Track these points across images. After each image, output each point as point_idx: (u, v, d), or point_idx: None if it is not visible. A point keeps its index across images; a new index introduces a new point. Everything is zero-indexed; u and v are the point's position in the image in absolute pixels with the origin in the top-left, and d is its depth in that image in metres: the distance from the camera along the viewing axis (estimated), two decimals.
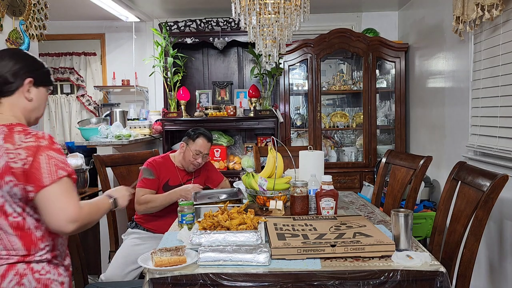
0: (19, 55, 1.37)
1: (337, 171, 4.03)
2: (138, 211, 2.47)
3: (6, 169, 1.21)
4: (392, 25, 4.48)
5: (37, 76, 1.38)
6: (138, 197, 2.42)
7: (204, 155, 2.56)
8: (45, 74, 1.42)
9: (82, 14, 4.31)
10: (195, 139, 2.55)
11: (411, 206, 2.36)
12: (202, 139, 2.55)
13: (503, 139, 2.43)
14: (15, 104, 1.34)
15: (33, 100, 1.37)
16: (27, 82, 1.35)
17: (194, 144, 2.54)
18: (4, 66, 1.31)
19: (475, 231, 1.71)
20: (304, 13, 2.18)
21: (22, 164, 1.21)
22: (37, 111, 1.41)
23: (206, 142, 2.56)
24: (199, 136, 2.56)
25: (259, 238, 1.57)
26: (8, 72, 1.31)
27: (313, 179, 2.10)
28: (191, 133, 2.59)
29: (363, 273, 1.39)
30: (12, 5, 2.44)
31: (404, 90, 4.08)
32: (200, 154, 2.54)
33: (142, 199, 2.41)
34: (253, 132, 4.44)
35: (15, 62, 1.33)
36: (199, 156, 2.54)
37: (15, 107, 1.34)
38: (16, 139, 1.24)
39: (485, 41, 2.64)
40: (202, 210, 2.06)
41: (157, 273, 1.41)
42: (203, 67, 4.47)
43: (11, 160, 1.21)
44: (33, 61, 1.40)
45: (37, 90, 1.38)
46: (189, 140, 2.56)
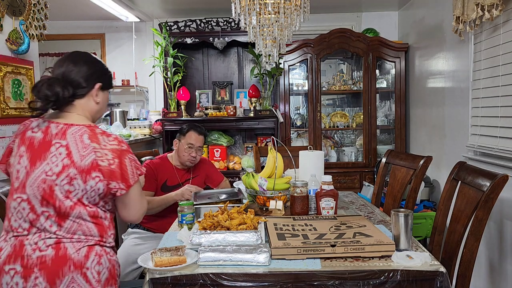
0: (92, 61, 1.49)
1: (337, 171, 4.03)
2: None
3: (95, 166, 1.35)
4: (392, 25, 4.48)
5: (105, 81, 1.51)
6: None
7: (197, 148, 2.58)
8: (110, 79, 1.56)
9: (82, 14, 4.31)
10: (185, 133, 2.59)
11: (411, 206, 2.36)
12: (192, 132, 2.59)
13: (504, 139, 2.43)
14: (84, 106, 1.47)
15: (99, 103, 1.51)
16: (97, 87, 1.48)
17: (185, 138, 2.57)
18: (79, 71, 1.43)
19: (475, 231, 1.71)
20: (304, 13, 2.18)
21: (109, 164, 1.36)
22: (101, 113, 1.55)
23: (197, 135, 2.59)
24: (190, 129, 2.60)
25: (259, 238, 1.57)
26: (82, 77, 1.44)
27: (313, 179, 2.10)
28: (182, 128, 2.64)
29: (363, 273, 1.39)
30: (12, 5, 2.43)
31: (404, 90, 4.08)
32: (192, 147, 2.56)
33: None
34: (253, 132, 4.44)
35: (88, 67, 1.46)
36: (191, 150, 2.55)
37: (85, 108, 1.47)
38: (101, 140, 1.38)
39: (485, 41, 2.63)
40: (202, 210, 2.06)
41: (157, 273, 1.41)
42: (203, 67, 4.47)
43: (98, 158, 1.35)
44: (102, 66, 1.53)
45: (103, 93, 1.52)
46: (181, 136, 2.60)
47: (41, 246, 1.34)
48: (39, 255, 1.33)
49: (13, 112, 2.45)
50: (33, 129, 1.41)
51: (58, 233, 1.35)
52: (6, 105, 2.39)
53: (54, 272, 1.32)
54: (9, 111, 2.42)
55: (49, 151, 1.36)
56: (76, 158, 1.34)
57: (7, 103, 2.41)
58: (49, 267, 1.32)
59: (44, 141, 1.38)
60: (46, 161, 1.35)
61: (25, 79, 2.57)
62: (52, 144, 1.37)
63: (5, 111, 2.39)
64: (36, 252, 1.33)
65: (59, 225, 1.36)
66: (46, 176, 1.35)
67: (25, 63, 2.58)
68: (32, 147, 1.38)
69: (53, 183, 1.34)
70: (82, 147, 1.36)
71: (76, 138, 1.37)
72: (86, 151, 1.35)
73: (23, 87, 2.55)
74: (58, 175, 1.34)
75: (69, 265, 1.33)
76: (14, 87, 2.47)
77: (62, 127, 1.39)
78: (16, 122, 2.47)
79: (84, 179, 1.35)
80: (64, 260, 1.33)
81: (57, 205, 1.34)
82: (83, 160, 1.34)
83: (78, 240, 1.37)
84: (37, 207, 1.36)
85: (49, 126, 1.40)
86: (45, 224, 1.35)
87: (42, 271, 1.31)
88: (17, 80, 2.49)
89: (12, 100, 2.45)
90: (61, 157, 1.35)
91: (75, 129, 1.39)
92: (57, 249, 1.34)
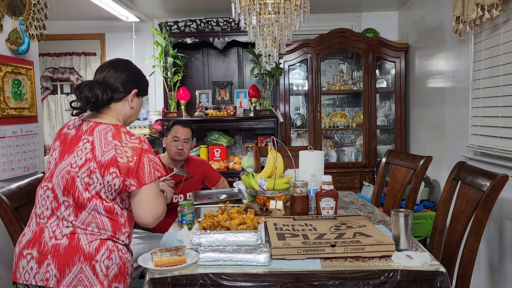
0: (131, 68, 1.60)
1: (337, 171, 4.03)
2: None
3: (113, 162, 1.42)
4: (392, 25, 4.48)
5: (141, 88, 1.61)
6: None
7: (183, 140, 2.61)
8: (146, 86, 1.66)
9: (82, 14, 4.31)
10: (170, 128, 2.65)
11: (411, 206, 2.36)
12: (177, 126, 2.65)
13: (504, 139, 2.43)
14: (119, 110, 1.56)
15: (133, 108, 1.60)
16: (133, 93, 1.57)
17: (170, 132, 2.63)
18: (118, 77, 1.53)
19: (475, 231, 1.71)
20: (304, 13, 2.18)
21: (127, 161, 1.43)
22: (133, 117, 1.63)
23: (181, 128, 2.63)
24: (174, 124, 2.67)
25: (259, 238, 1.57)
26: (121, 83, 1.54)
27: (313, 179, 2.10)
28: (168, 125, 2.71)
29: (363, 273, 1.39)
30: (12, 5, 2.43)
31: (404, 90, 4.08)
32: (178, 140, 2.59)
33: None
34: (253, 132, 4.44)
35: (128, 74, 1.56)
36: (177, 142, 2.59)
37: (119, 112, 1.56)
38: (123, 138, 1.46)
39: (485, 41, 2.63)
40: (202, 210, 2.06)
41: (157, 273, 1.42)
42: (203, 67, 4.47)
43: (118, 155, 1.42)
44: (139, 73, 1.62)
45: (137, 99, 1.61)
46: (167, 132, 2.66)
47: (57, 235, 1.41)
48: (54, 243, 1.40)
49: (13, 112, 2.45)
50: (69, 127, 1.55)
51: (74, 223, 1.43)
52: (6, 105, 2.39)
53: (65, 261, 1.38)
54: (9, 111, 2.42)
55: (77, 146, 1.47)
56: (98, 153, 1.43)
57: (7, 103, 2.40)
58: (61, 255, 1.38)
59: (75, 137, 1.49)
60: (73, 155, 1.46)
61: (25, 79, 2.56)
62: (81, 139, 1.47)
63: (5, 111, 2.39)
64: (52, 240, 1.41)
65: (76, 215, 1.43)
66: (70, 167, 1.44)
67: (25, 63, 2.58)
68: (65, 142, 1.51)
69: (76, 174, 1.43)
70: (105, 144, 1.44)
71: (101, 135, 1.46)
72: (107, 147, 1.44)
73: (23, 87, 2.55)
74: (80, 167, 1.43)
75: (79, 255, 1.39)
76: (14, 87, 2.47)
77: (91, 125, 1.50)
78: (16, 122, 2.47)
79: (102, 173, 1.42)
80: (75, 250, 1.39)
81: (76, 195, 1.42)
82: (104, 156, 1.42)
83: (92, 232, 1.43)
84: (60, 195, 1.44)
85: (81, 124, 1.52)
86: (64, 213, 1.43)
87: (55, 259, 1.38)
88: (17, 80, 2.49)
89: (12, 100, 2.45)
90: (85, 151, 1.44)
91: (102, 127, 1.49)
92: (71, 239, 1.41)
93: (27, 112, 2.57)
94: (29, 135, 2.58)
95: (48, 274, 1.38)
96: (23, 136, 2.52)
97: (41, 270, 1.38)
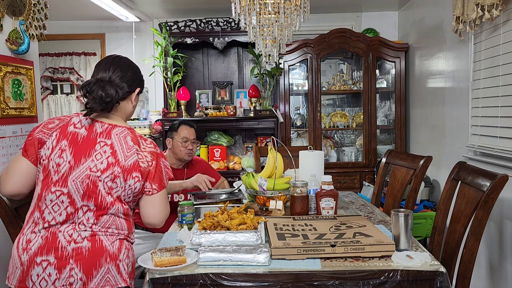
0: (134, 66, 1.59)
1: (337, 171, 4.03)
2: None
3: (136, 167, 1.44)
4: (392, 25, 4.48)
5: (142, 86, 1.62)
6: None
7: (192, 141, 2.63)
8: (143, 84, 1.64)
9: (82, 14, 4.31)
10: (177, 129, 2.64)
11: (411, 206, 2.36)
12: (184, 126, 2.65)
13: (504, 139, 2.43)
14: (124, 108, 1.55)
15: (135, 106, 1.60)
16: (137, 91, 1.58)
17: (178, 134, 2.62)
18: (124, 76, 1.52)
19: (475, 231, 1.71)
20: (304, 13, 2.18)
21: (147, 166, 1.46)
22: (131, 114, 1.62)
23: (189, 128, 2.65)
24: (180, 125, 2.66)
25: (259, 238, 1.57)
26: (126, 82, 1.53)
27: (313, 179, 2.10)
28: (172, 126, 2.70)
29: (363, 273, 1.39)
30: (12, 5, 2.43)
31: (404, 90, 4.08)
32: (188, 141, 2.61)
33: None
34: (253, 132, 4.44)
35: (132, 72, 1.55)
36: (187, 143, 2.61)
37: (123, 110, 1.55)
38: (141, 143, 1.48)
39: (485, 41, 2.63)
40: (202, 210, 2.06)
41: (157, 273, 1.42)
42: (203, 67, 4.47)
43: (140, 160, 1.45)
44: (140, 72, 1.62)
45: (137, 97, 1.61)
46: (173, 133, 2.65)
47: (76, 238, 1.39)
48: (74, 247, 1.37)
49: (13, 112, 2.45)
50: (75, 125, 1.47)
51: (94, 227, 1.41)
52: (6, 105, 2.39)
53: (91, 263, 1.37)
54: (9, 111, 2.42)
55: (94, 149, 1.43)
56: (121, 158, 1.43)
57: (7, 103, 2.41)
58: (85, 258, 1.37)
59: (89, 139, 1.44)
60: (91, 158, 1.42)
61: (25, 79, 2.57)
62: (97, 142, 1.44)
63: (5, 111, 2.39)
64: (71, 244, 1.38)
65: (97, 219, 1.41)
66: (90, 172, 1.40)
67: (25, 63, 2.58)
68: (76, 143, 1.44)
69: (97, 179, 1.40)
70: (127, 148, 1.45)
71: (120, 139, 1.46)
72: (130, 152, 1.44)
73: (23, 87, 2.55)
74: (103, 172, 1.41)
75: (105, 256, 1.39)
76: (14, 87, 2.47)
77: (107, 127, 1.47)
78: (16, 122, 2.47)
79: (125, 177, 1.42)
80: (101, 251, 1.39)
81: (99, 200, 1.41)
82: (127, 160, 1.43)
83: (112, 233, 1.44)
84: (77, 201, 1.40)
85: (93, 125, 1.47)
86: (82, 218, 1.41)
87: (78, 262, 1.36)
88: (17, 80, 2.49)
89: (12, 100, 2.45)
90: (106, 155, 1.42)
91: (119, 130, 1.48)
92: (93, 241, 1.39)
93: (27, 112, 2.57)
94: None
95: (72, 278, 1.35)
96: (23, 136, 2.52)
97: (63, 275, 1.35)
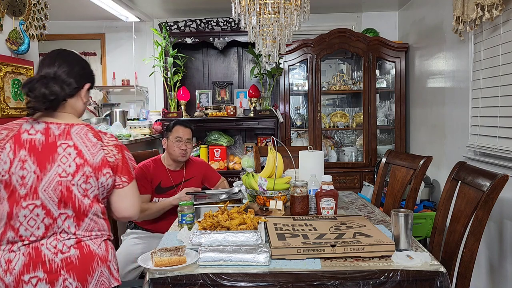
0: (82, 61, 1.51)
1: (337, 171, 4.03)
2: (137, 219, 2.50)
3: (105, 163, 1.41)
4: (392, 25, 4.48)
5: (92, 81, 1.54)
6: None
7: (186, 141, 2.58)
8: (94, 80, 1.57)
9: (82, 14, 4.31)
10: (171, 129, 2.62)
11: (411, 206, 2.36)
12: (178, 126, 2.62)
13: (503, 139, 2.43)
14: (73, 105, 1.47)
15: (85, 103, 1.53)
16: (86, 87, 1.50)
17: (172, 133, 2.59)
18: (71, 71, 1.43)
19: (475, 231, 1.71)
20: (304, 13, 2.18)
21: (115, 160, 1.43)
22: (83, 112, 1.54)
23: (183, 128, 2.61)
24: (175, 124, 2.64)
25: (259, 238, 1.57)
26: (74, 77, 1.44)
27: (313, 179, 2.10)
28: (168, 126, 2.68)
29: (363, 273, 1.39)
30: (12, 5, 2.43)
31: (404, 90, 4.08)
32: (181, 140, 2.56)
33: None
34: (253, 132, 4.44)
35: (80, 68, 1.47)
36: (181, 143, 2.56)
37: (73, 108, 1.47)
38: (103, 138, 1.44)
39: (485, 41, 2.63)
40: (202, 210, 2.06)
41: (157, 273, 1.41)
42: (203, 67, 4.47)
43: (107, 155, 1.41)
44: (90, 67, 1.54)
45: (87, 93, 1.52)
46: (168, 133, 2.62)
47: (62, 249, 1.35)
48: (62, 257, 1.34)
49: (13, 112, 2.45)
50: (29, 131, 1.37)
51: (77, 233, 1.38)
52: (6, 105, 2.39)
53: (85, 270, 1.36)
54: (9, 111, 2.42)
55: (57, 153, 1.36)
56: (88, 157, 1.38)
57: (7, 103, 2.41)
58: (77, 266, 1.35)
59: (48, 143, 1.36)
60: (57, 163, 1.35)
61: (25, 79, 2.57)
62: (58, 145, 1.37)
63: (5, 111, 2.39)
64: (58, 255, 1.34)
65: (78, 224, 1.38)
66: (60, 178, 1.34)
67: (25, 63, 2.58)
68: (35, 150, 1.35)
69: (70, 183, 1.35)
70: (91, 146, 1.40)
71: (82, 137, 1.40)
72: (95, 149, 1.40)
73: None
74: (74, 175, 1.36)
75: (96, 260, 1.39)
76: (14, 87, 2.47)
77: (64, 128, 1.40)
78: None
79: (97, 176, 1.39)
80: (91, 256, 1.38)
81: (77, 205, 1.37)
82: (95, 158, 1.39)
83: (96, 236, 1.43)
84: (54, 210, 1.35)
85: (48, 128, 1.38)
86: (63, 226, 1.36)
87: (71, 272, 1.34)
88: (17, 80, 2.49)
89: (12, 100, 2.45)
90: (71, 157, 1.36)
91: (77, 128, 1.41)
92: (80, 248, 1.37)
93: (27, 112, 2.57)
94: None
95: None
96: None
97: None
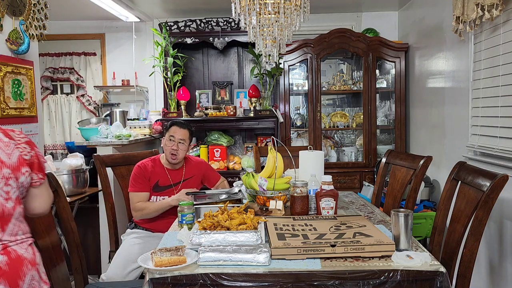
0: None
1: (337, 171, 4.03)
2: (135, 217, 2.55)
3: (22, 161, 1.37)
4: (392, 25, 4.48)
5: None
6: (134, 204, 2.49)
7: (179, 141, 2.55)
8: None
9: (82, 14, 4.31)
10: (168, 128, 2.62)
11: (411, 206, 2.36)
12: (174, 126, 2.62)
13: (504, 139, 2.43)
14: None
15: None
16: None
17: (167, 132, 2.60)
18: None
19: (475, 231, 1.71)
20: (304, 13, 2.18)
21: (31, 157, 1.40)
22: None
23: (178, 128, 2.60)
24: (172, 124, 2.64)
25: (259, 238, 1.57)
26: None
27: (313, 179, 2.10)
28: (166, 125, 2.68)
29: (363, 273, 1.39)
30: (12, 5, 2.43)
31: (404, 90, 4.08)
32: (173, 140, 2.55)
33: (137, 206, 2.47)
34: (253, 132, 4.44)
35: None
36: (172, 142, 2.54)
37: None
38: (13, 135, 1.38)
39: (485, 41, 2.63)
40: (202, 210, 2.06)
41: (157, 273, 1.41)
42: (203, 67, 4.47)
43: (22, 153, 1.37)
44: None
45: None
46: (165, 132, 2.64)
47: None
48: None
49: (13, 112, 2.45)
50: None
51: (3, 239, 1.32)
52: (6, 105, 2.39)
53: (15, 275, 1.30)
54: (9, 111, 2.42)
55: None
56: (4, 158, 1.32)
57: (7, 103, 2.41)
58: (8, 272, 1.29)
59: None
60: None
61: (25, 79, 2.57)
62: None
63: (5, 111, 2.39)
64: None
65: (3, 230, 1.32)
66: None
67: (25, 63, 2.58)
68: None
69: None
70: (4, 146, 1.34)
71: None
72: (9, 148, 1.35)
73: (23, 87, 2.55)
74: None
75: (26, 264, 1.34)
76: (14, 87, 2.47)
77: None
78: (16, 122, 2.47)
79: (16, 176, 1.35)
80: (19, 260, 1.33)
81: (0, 209, 1.31)
82: (11, 158, 1.34)
83: (21, 240, 1.37)
84: None
85: None
86: None
87: (1, 278, 1.28)
88: (17, 80, 2.49)
89: (12, 100, 2.45)
90: None
91: None
92: (7, 253, 1.31)
93: (27, 112, 2.57)
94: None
95: None
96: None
97: None
